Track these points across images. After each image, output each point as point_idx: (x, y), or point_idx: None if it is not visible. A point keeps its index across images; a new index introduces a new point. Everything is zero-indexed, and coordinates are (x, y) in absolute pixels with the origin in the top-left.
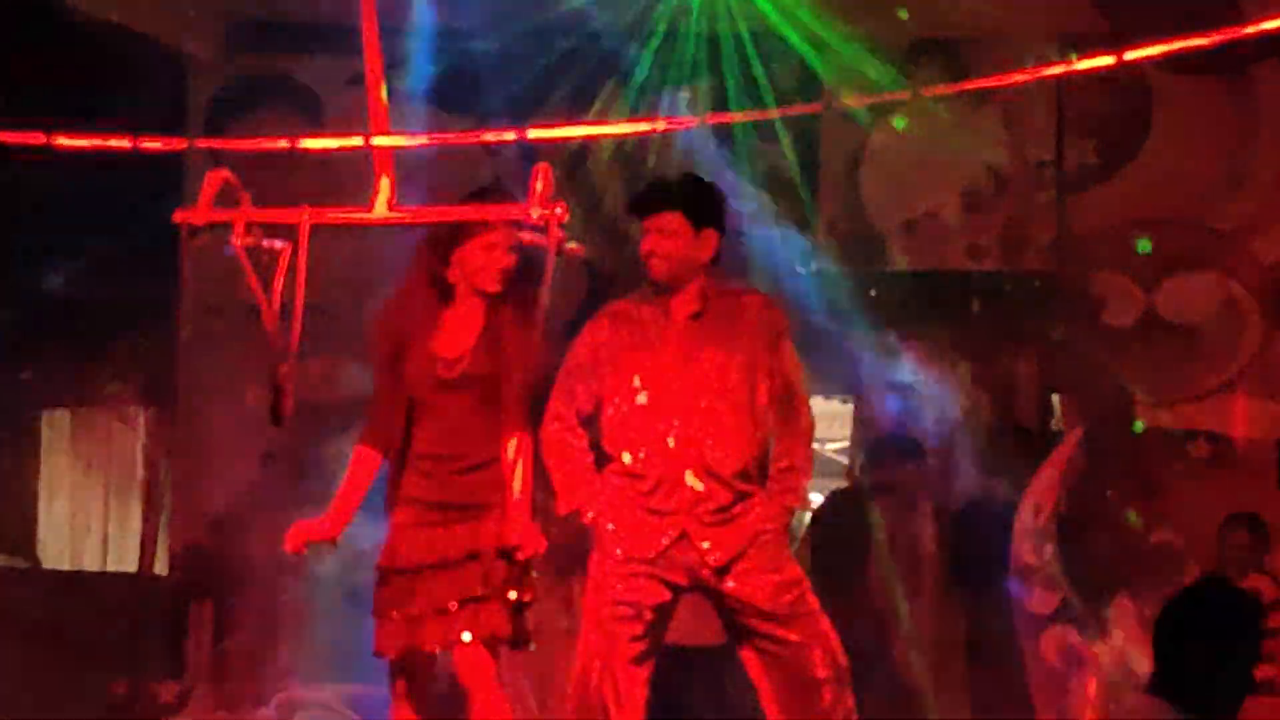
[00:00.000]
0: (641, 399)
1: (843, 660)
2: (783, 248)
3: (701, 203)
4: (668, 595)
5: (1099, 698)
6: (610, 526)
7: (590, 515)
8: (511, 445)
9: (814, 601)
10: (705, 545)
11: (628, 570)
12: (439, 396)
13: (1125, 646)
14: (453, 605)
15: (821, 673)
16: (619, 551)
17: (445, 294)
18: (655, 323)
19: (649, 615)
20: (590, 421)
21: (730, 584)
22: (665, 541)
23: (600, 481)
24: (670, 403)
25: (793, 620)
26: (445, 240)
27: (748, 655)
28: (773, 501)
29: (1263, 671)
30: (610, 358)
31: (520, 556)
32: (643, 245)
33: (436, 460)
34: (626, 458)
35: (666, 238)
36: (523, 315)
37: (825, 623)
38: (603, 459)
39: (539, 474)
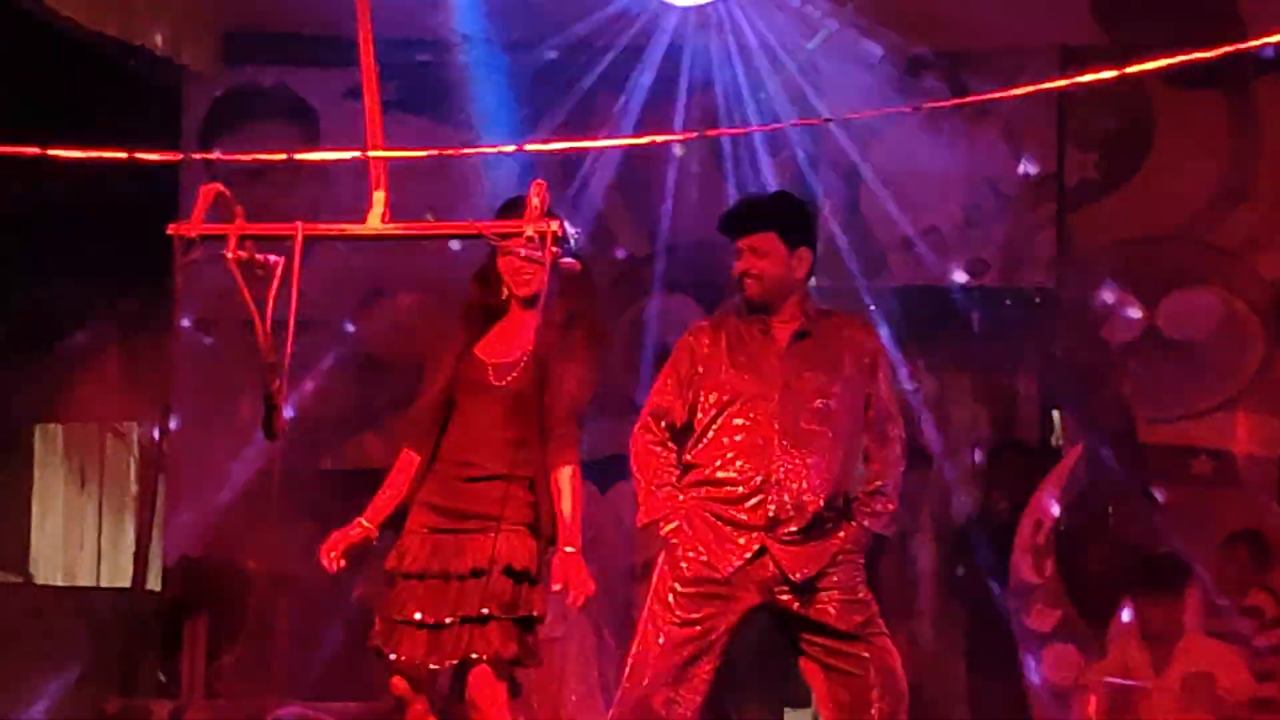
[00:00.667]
0: (738, 416)
1: (902, 686)
2: None
3: (795, 221)
4: (736, 617)
5: (1099, 716)
6: (678, 544)
7: (667, 529)
8: (564, 475)
9: (883, 626)
10: (784, 562)
11: (700, 590)
12: (473, 401)
13: (1125, 660)
14: (450, 620)
15: (878, 695)
16: (688, 570)
17: (496, 308)
18: (755, 340)
19: (715, 636)
20: (682, 432)
21: (804, 602)
22: (740, 561)
23: (682, 497)
24: (768, 422)
25: (859, 641)
26: (487, 261)
27: (809, 667)
28: (856, 524)
29: (1264, 690)
30: (708, 371)
31: (569, 602)
32: (737, 265)
33: (453, 466)
34: (717, 468)
35: (761, 258)
36: (572, 339)
37: (890, 647)
38: (687, 470)
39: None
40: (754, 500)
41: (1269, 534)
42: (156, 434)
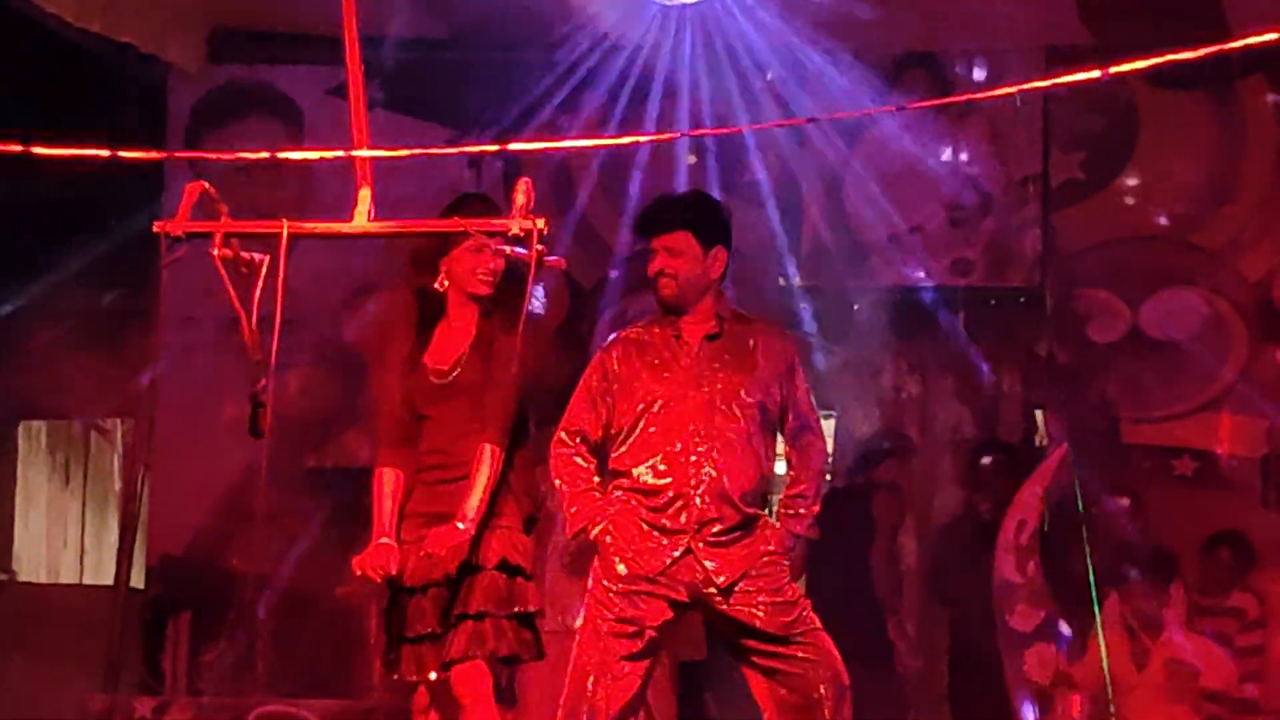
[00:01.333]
0: (655, 421)
1: (844, 679)
2: (767, 261)
3: (710, 220)
4: (670, 613)
5: (1082, 715)
6: (610, 544)
7: (594, 532)
8: (483, 454)
9: (814, 620)
10: (710, 565)
11: (631, 588)
12: (436, 407)
13: (1108, 653)
14: (439, 628)
15: (821, 691)
16: (622, 569)
17: (436, 306)
18: (668, 344)
19: (650, 633)
20: (599, 447)
21: (731, 604)
22: (669, 559)
23: (606, 500)
24: (683, 423)
25: (792, 641)
26: (433, 250)
27: (749, 674)
28: (780, 527)
29: (1247, 691)
30: (623, 384)
31: (434, 556)
32: (650, 265)
33: (432, 472)
34: (638, 473)
35: (675, 257)
36: (512, 325)
37: (826, 641)
38: (614, 475)
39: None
40: (678, 504)
41: (1252, 535)
42: (140, 432)
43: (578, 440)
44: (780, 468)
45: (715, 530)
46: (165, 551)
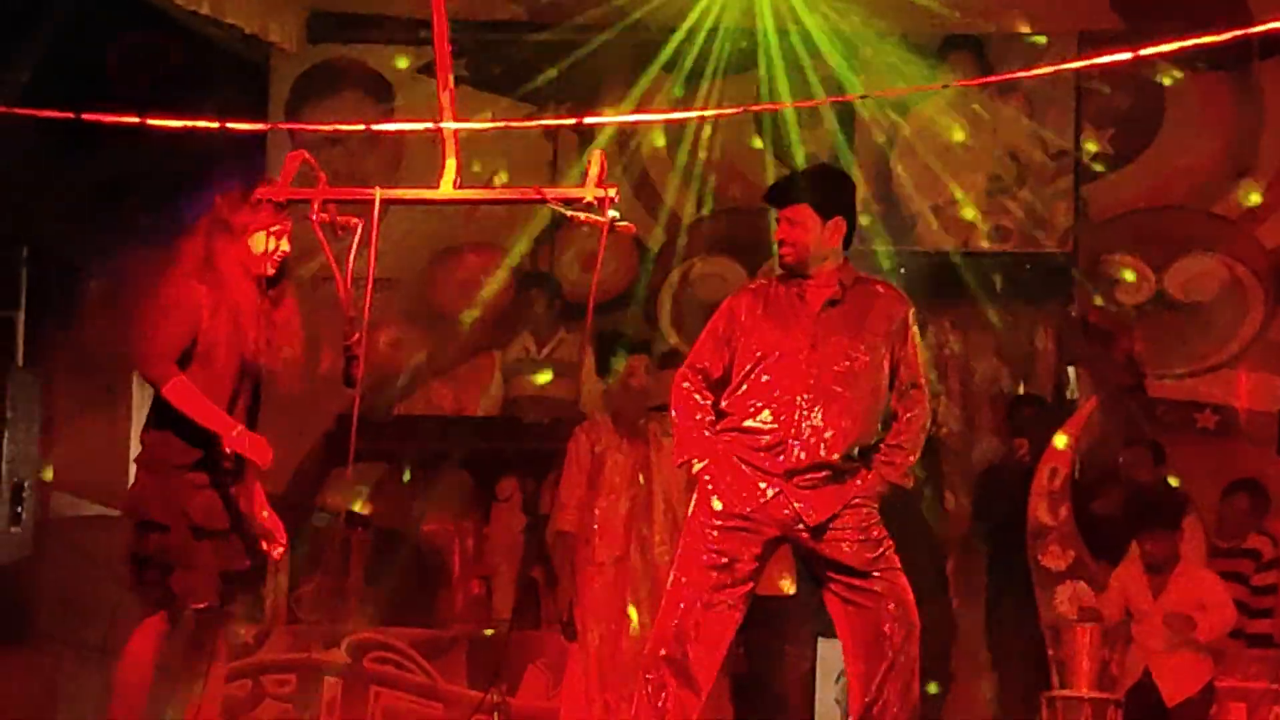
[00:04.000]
0: (769, 370)
1: (913, 617)
2: None
3: (829, 193)
4: (759, 549)
5: (1093, 644)
6: (709, 481)
7: (697, 467)
8: None
9: (895, 561)
10: (799, 505)
11: (726, 523)
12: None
13: (1126, 589)
14: None
15: (890, 627)
16: (718, 505)
17: (213, 274)
18: (791, 303)
19: (741, 567)
20: (718, 385)
21: (820, 542)
22: (762, 499)
23: (714, 438)
24: (795, 382)
25: (872, 576)
26: (235, 225)
27: (830, 601)
28: (874, 472)
29: (1258, 626)
30: (745, 332)
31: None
32: (776, 234)
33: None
34: (747, 421)
35: (795, 227)
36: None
37: (902, 581)
38: (721, 416)
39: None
40: (775, 449)
41: (1268, 483)
42: None
43: (699, 377)
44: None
45: (808, 479)
46: (267, 491)
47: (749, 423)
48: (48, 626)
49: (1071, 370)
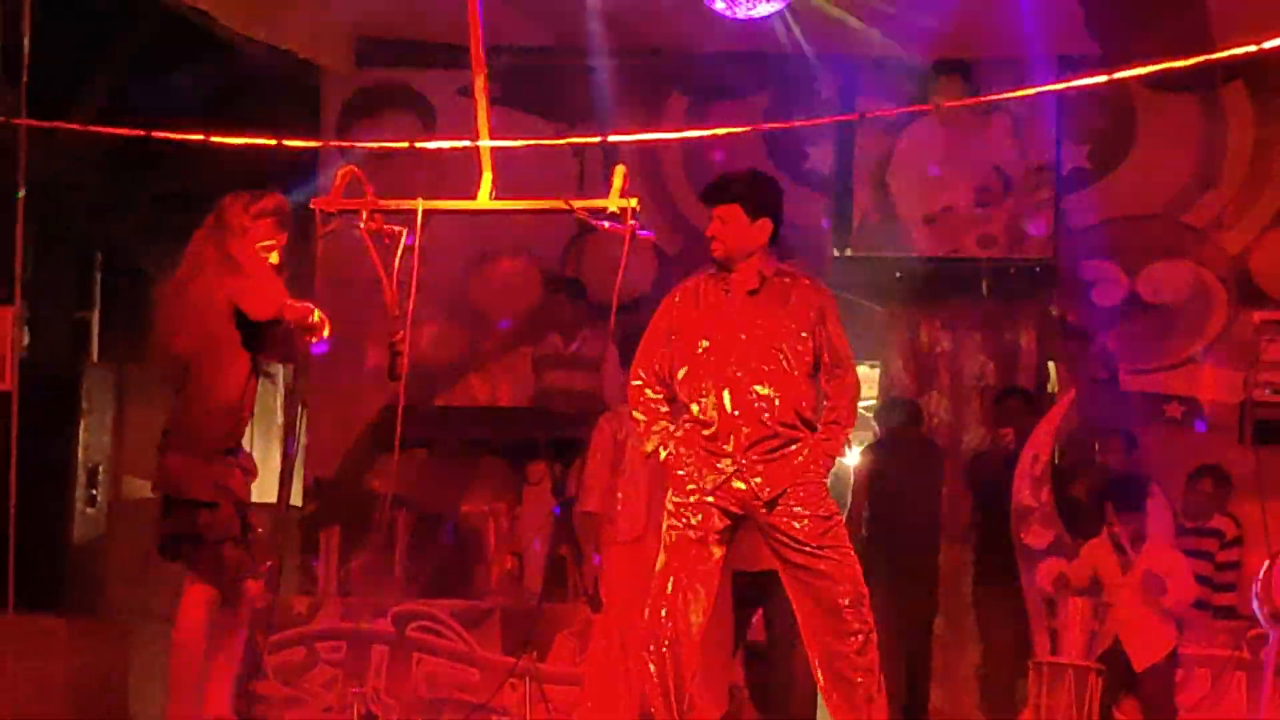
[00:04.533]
0: (704, 359)
1: (862, 587)
2: (825, 236)
3: (758, 195)
4: (727, 522)
5: (1084, 616)
6: (676, 467)
7: (664, 455)
8: None
9: (844, 535)
10: (756, 481)
11: (695, 501)
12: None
13: (1095, 564)
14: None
15: (844, 599)
16: (690, 486)
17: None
18: (718, 295)
19: (713, 539)
20: (667, 380)
21: (774, 515)
22: (722, 477)
23: (675, 426)
24: (728, 363)
25: (822, 551)
26: (234, 226)
27: (786, 579)
28: (818, 448)
29: (1222, 598)
30: (680, 326)
31: None
32: (707, 230)
33: None
34: (694, 408)
35: (725, 225)
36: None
37: (851, 555)
38: (679, 409)
39: None
40: (726, 431)
41: (1230, 468)
42: (299, 376)
43: (650, 375)
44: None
45: (760, 450)
46: (319, 475)
47: (696, 409)
48: (119, 599)
49: (1051, 366)
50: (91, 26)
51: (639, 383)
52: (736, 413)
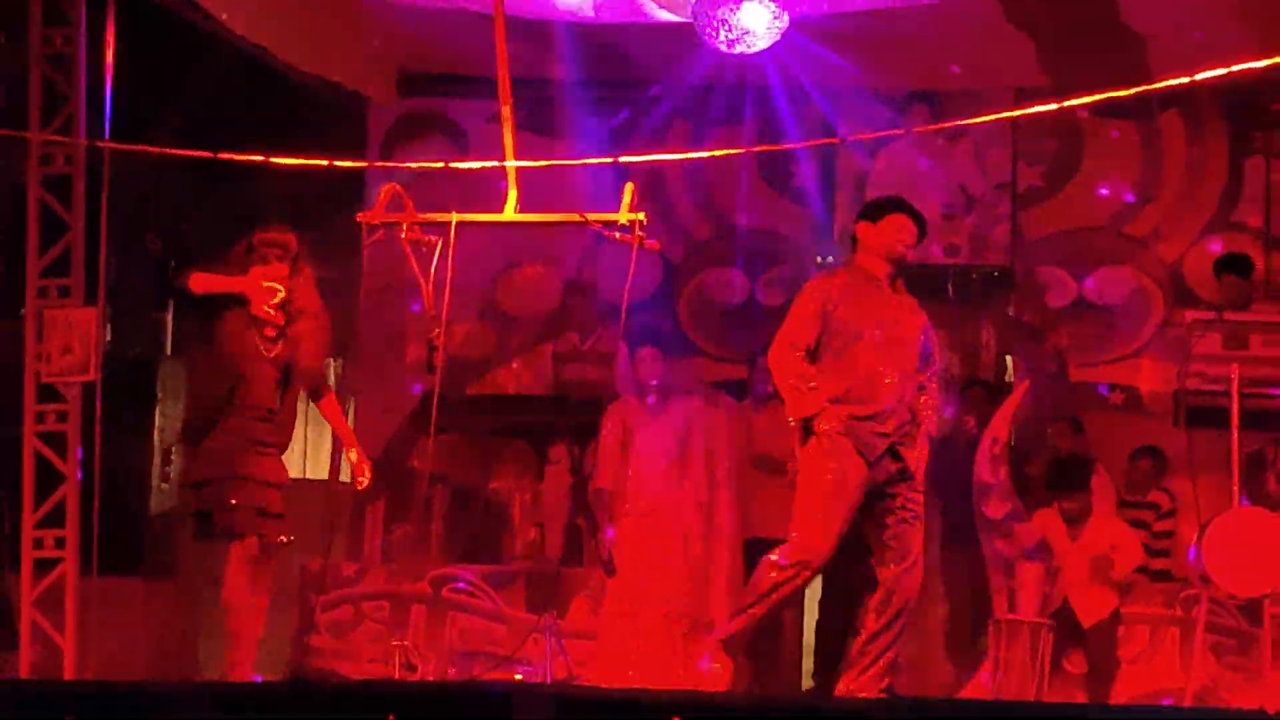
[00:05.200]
0: (866, 345)
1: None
2: (810, 245)
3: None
4: (866, 490)
5: (1039, 579)
6: (824, 434)
7: (816, 418)
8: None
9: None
10: (905, 459)
11: (841, 466)
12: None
13: (1047, 534)
14: None
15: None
16: (833, 454)
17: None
18: (880, 292)
19: (854, 493)
20: (813, 355)
21: (906, 487)
22: (871, 457)
23: (821, 396)
24: (886, 352)
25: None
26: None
27: (886, 535)
28: (923, 429)
29: (1158, 563)
30: (835, 310)
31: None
32: (905, 238)
33: None
34: (845, 385)
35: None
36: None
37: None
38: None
39: None
40: (882, 415)
41: (1166, 449)
42: (349, 368)
43: (802, 349)
44: None
45: (904, 430)
46: (366, 455)
47: (849, 390)
48: (190, 565)
49: (1009, 359)
50: (167, 60)
51: (793, 354)
52: (893, 397)
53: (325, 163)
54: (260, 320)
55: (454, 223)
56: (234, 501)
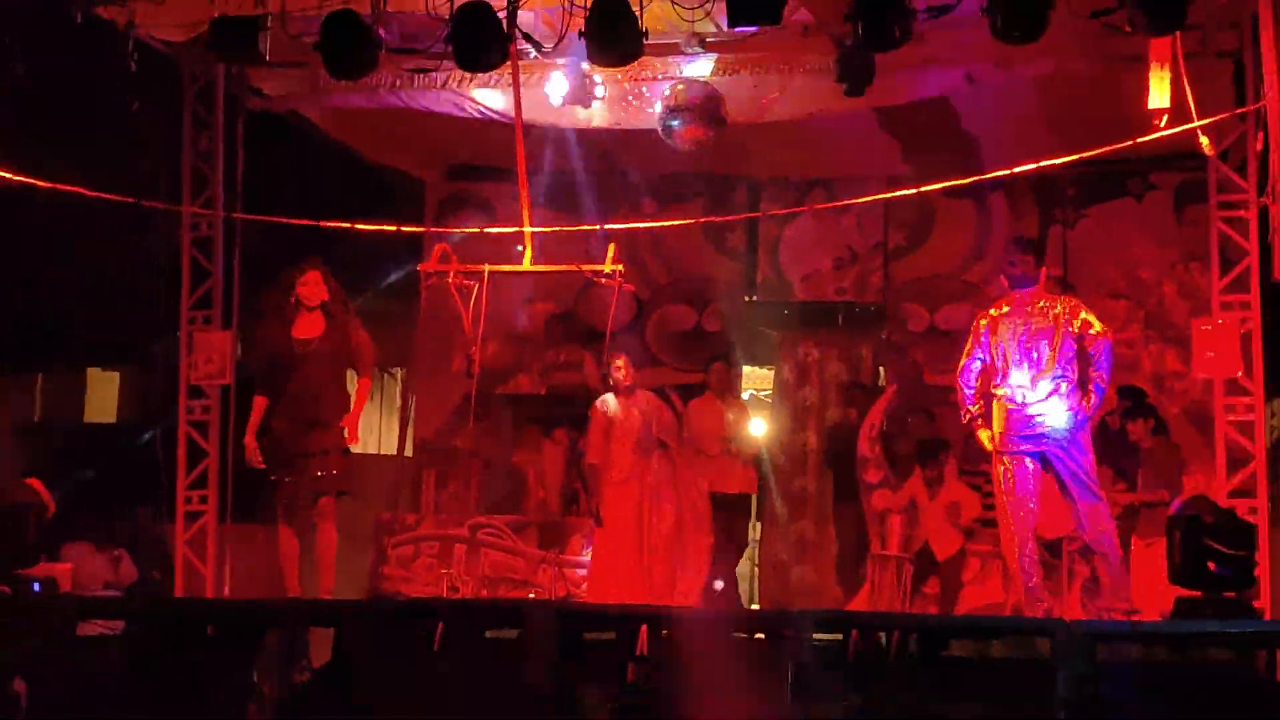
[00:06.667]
0: (1014, 356)
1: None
2: (739, 286)
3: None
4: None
5: (901, 526)
6: (981, 425)
7: (977, 423)
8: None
9: None
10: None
11: (1004, 450)
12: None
13: (912, 493)
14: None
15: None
16: (997, 436)
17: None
18: (1024, 314)
19: (1025, 476)
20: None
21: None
22: (1019, 434)
23: (978, 398)
24: (1030, 363)
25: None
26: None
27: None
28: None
29: (988, 515)
30: (992, 331)
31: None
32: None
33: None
34: (1003, 390)
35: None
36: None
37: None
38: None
39: None
40: (1031, 413)
41: None
42: (409, 374)
43: (969, 365)
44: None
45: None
46: (422, 437)
47: (1007, 390)
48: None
49: (882, 369)
50: (281, 154)
51: (967, 372)
52: (1039, 398)
53: (394, 228)
54: (297, 323)
55: (487, 272)
56: (274, 479)
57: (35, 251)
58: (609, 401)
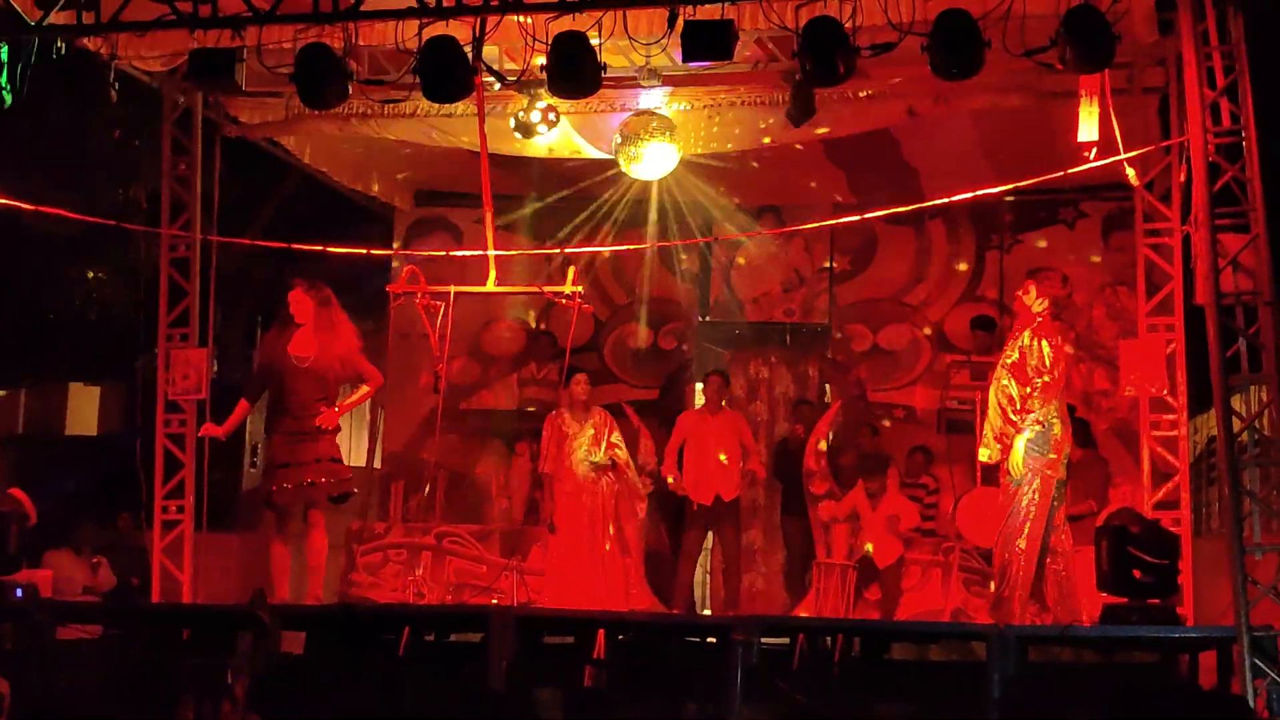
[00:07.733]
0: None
1: None
2: (695, 308)
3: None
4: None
5: (845, 535)
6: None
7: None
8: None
9: None
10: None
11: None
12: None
13: (854, 505)
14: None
15: None
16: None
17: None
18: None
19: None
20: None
21: None
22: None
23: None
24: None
25: None
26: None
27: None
28: None
29: (928, 525)
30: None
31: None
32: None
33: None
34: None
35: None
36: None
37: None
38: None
39: None
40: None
41: (932, 447)
42: (382, 389)
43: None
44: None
45: None
46: (391, 449)
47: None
48: (266, 525)
49: (828, 386)
50: (256, 179)
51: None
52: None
53: (365, 251)
54: (294, 338)
55: (452, 292)
56: (272, 488)
57: (21, 272)
58: (565, 415)
